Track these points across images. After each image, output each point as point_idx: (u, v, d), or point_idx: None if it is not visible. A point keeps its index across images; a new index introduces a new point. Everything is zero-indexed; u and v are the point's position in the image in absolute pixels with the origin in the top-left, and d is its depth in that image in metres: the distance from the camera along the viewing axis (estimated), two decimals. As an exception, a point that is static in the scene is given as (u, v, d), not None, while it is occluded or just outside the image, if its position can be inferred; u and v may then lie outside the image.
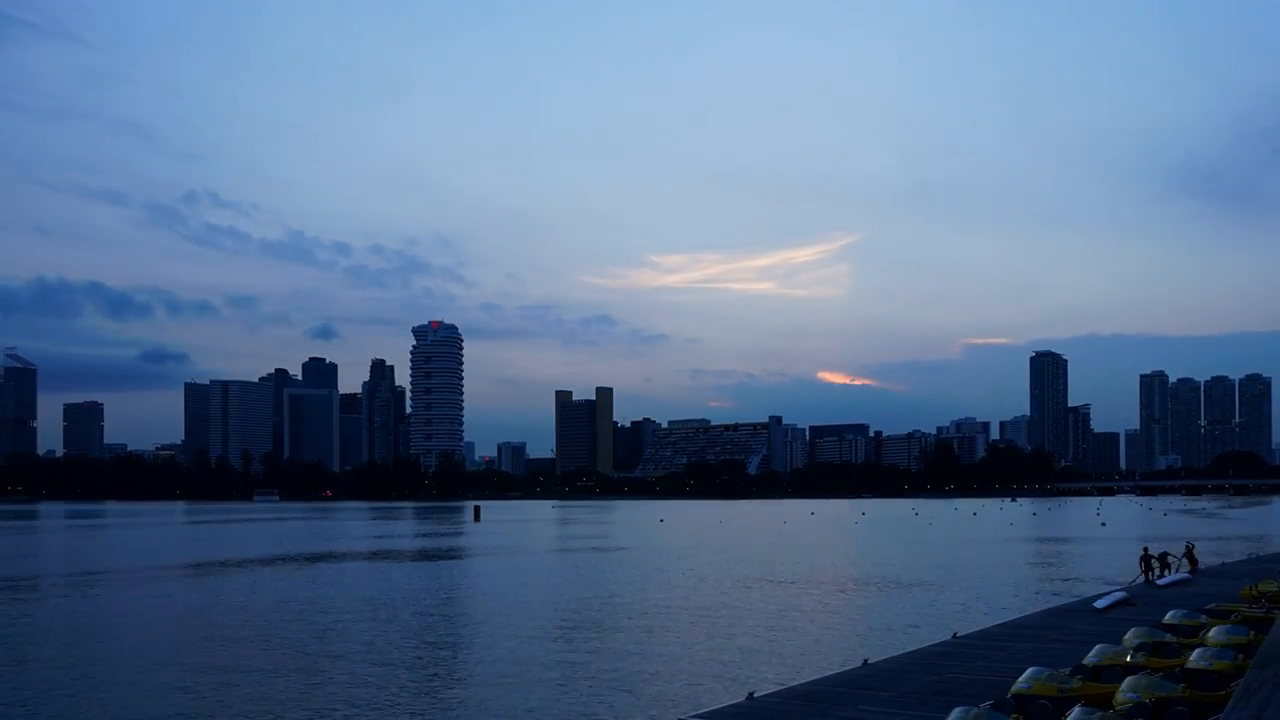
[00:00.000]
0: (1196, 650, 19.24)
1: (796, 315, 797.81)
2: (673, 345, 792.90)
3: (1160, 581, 40.07)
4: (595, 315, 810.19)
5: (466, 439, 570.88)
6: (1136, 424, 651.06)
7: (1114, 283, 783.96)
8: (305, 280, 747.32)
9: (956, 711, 14.83)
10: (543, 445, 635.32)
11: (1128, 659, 19.47)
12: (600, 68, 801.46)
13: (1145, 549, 45.79)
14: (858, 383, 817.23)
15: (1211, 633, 21.64)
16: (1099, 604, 32.06)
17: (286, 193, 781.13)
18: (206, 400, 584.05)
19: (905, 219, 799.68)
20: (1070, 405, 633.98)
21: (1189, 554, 48.27)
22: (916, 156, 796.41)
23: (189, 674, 27.39)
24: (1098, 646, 20.00)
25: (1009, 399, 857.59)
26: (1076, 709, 14.74)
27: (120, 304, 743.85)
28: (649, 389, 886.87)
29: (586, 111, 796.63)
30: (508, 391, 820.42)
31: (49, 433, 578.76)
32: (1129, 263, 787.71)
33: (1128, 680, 16.63)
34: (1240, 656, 18.69)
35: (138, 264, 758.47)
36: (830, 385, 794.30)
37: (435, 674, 27.25)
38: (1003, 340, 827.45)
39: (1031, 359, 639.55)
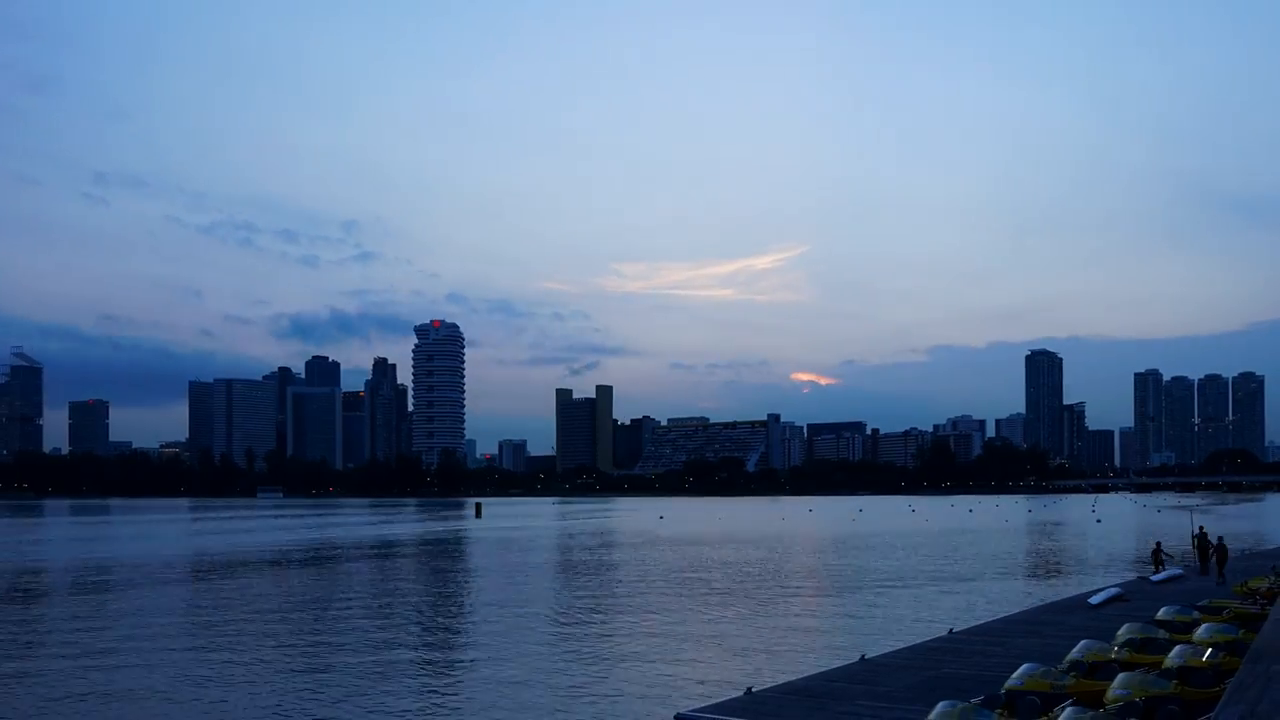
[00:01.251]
0: (1188, 647, 19.32)
1: (764, 319, 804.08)
2: (647, 345, 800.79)
3: (1154, 578, 39.95)
4: (566, 312, 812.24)
5: (468, 436, 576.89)
6: (1131, 422, 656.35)
7: (1100, 281, 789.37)
8: (255, 267, 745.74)
9: (942, 705, 14.98)
10: (543, 443, 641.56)
11: (1113, 654, 19.67)
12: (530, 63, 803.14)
13: (1202, 528, 44.46)
14: (830, 383, 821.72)
15: (1203, 630, 21.64)
16: (1093, 600, 32.41)
17: (226, 177, 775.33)
18: (210, 399, 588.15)
19: (862, 220, 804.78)
20: (1065, 403, 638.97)
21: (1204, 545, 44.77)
22: (872, 158, 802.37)
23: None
24: (1083, 642, 20.10)
25: (978, 397, 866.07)
26: (1069, 708, 14.75)
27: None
28: (634, 388, 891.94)
29: (522, 105, 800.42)
30: (498, 389, 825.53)
31: (55, 431, 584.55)
32: (1110, 261, 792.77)
33: (1120, 677, 16.65)
34: (1227, 654, 18.77)
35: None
36: (806, 386, 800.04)
37: (432, 669, 27.50)
38: (967, 340, 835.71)
39: (1027, 358, 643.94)
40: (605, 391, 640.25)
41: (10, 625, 36.91)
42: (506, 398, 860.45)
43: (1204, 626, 22.05)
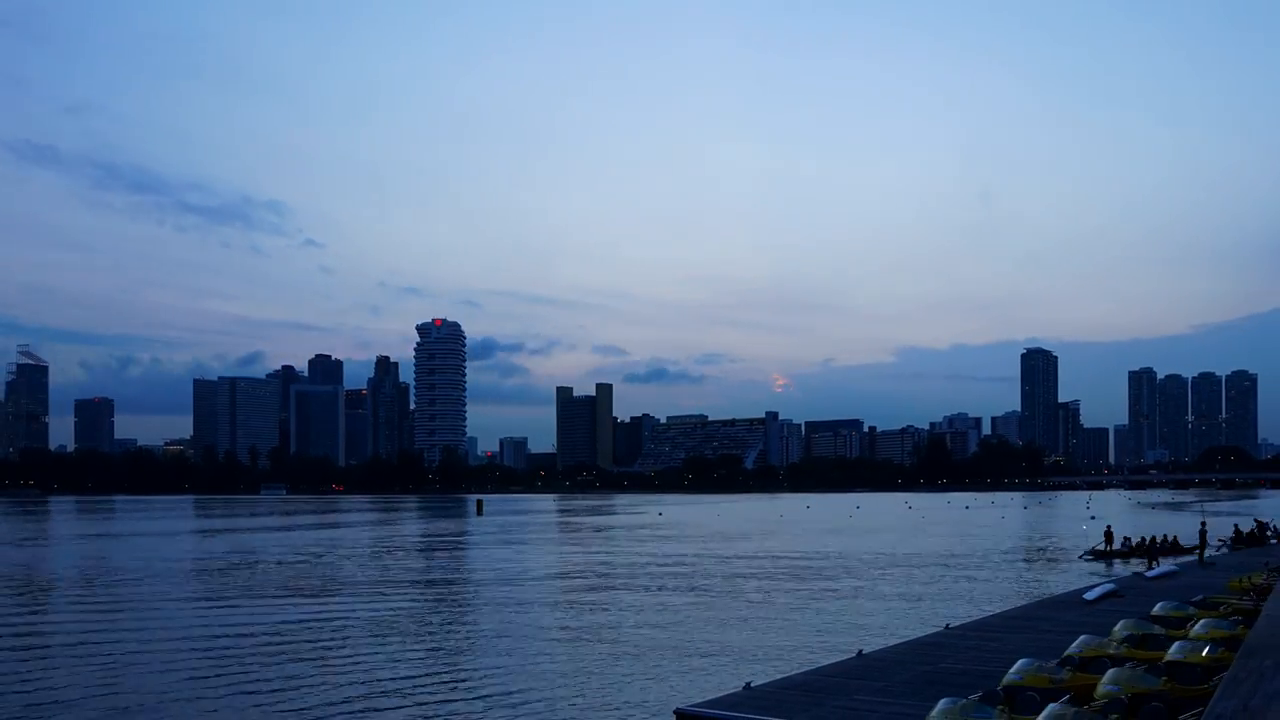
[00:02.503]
0: (1185, 643, 19.24)
1: (739, 317, 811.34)
2: (630, 345, 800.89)
3: (1149, 574, 39.97)
4: (538, 309, 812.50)
5: (470, 434, 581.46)
6: (1125, 420, 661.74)
7: (1093, 278, 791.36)
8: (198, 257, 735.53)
9: (943, 702, 15.04)
10: (543, 441, 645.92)
11: (1112, 650, 19.64)
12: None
13: (1204, 523, 48.34)
14: (813, 381, 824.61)
15: (1200, 625, 21.59)
16: (1089, 595, 32.58)
17: (157, 158, 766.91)
18: (214, 397, 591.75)
19: (829, 218, 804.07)
20: (1060, 401, 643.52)
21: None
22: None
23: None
24: (1081, 638, 20.27)
25: (970, 395, 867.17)
26: (1052, 704, 14.72)
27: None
28: (622, 386, 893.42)
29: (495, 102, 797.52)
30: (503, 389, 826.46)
31: (60, 429, 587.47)
32: (1100, 256, 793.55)
33: (1110, 673, 16.63)
34: (1223, 649, 18.71)
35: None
36: (792, 384, 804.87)
37: (431, 666, 27.69)
38: (934, 342, 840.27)
39: (1023, 356, 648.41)
40: (605, 390, 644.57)
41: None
42: (498, 396, 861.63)
43: (1201, 622, 22.04)
